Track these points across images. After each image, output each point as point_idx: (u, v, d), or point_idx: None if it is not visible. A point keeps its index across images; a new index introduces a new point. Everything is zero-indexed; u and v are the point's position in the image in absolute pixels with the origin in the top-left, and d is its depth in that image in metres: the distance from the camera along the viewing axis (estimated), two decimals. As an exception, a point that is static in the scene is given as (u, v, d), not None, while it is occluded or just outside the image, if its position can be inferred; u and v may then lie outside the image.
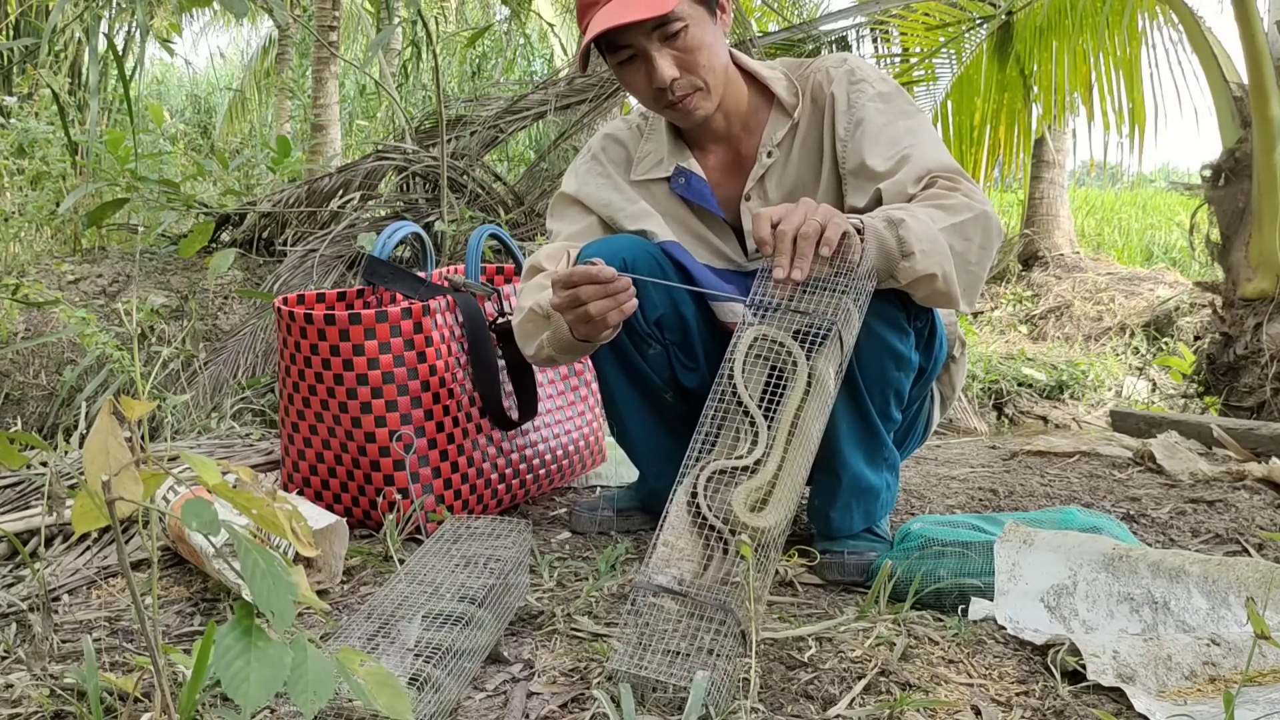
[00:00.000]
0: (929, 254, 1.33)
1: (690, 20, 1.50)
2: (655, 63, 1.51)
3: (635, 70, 1.55)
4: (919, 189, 1.46)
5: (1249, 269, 3.91)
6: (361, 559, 1.62)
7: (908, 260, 1.33)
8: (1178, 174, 17.72)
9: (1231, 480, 2.17)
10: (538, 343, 1.57)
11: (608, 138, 1.78)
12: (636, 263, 1.57)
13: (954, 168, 1.49)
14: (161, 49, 6.29)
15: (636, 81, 1.57)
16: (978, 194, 1.45)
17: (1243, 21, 3.75)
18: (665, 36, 1.50)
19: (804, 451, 1.25)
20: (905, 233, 1.32)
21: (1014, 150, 5.15)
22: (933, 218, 1.37)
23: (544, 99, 5.10)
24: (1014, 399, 6.10)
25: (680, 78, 1.53)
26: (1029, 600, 1.35)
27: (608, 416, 1.77)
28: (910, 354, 1.52)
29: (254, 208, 5.20)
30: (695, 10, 1.51)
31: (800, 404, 1.24)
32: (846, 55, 1.64)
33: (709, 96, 1.56)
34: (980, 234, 1.41)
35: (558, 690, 1.14)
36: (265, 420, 3.57)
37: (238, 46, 16.03)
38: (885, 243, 1.32)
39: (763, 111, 1.65)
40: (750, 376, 1.26)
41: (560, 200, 1.77)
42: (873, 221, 1.33)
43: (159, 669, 0.86)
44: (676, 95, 1.54)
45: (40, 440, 1.19)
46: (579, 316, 1.40)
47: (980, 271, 1.43)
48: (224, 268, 2.94)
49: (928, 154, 1.49)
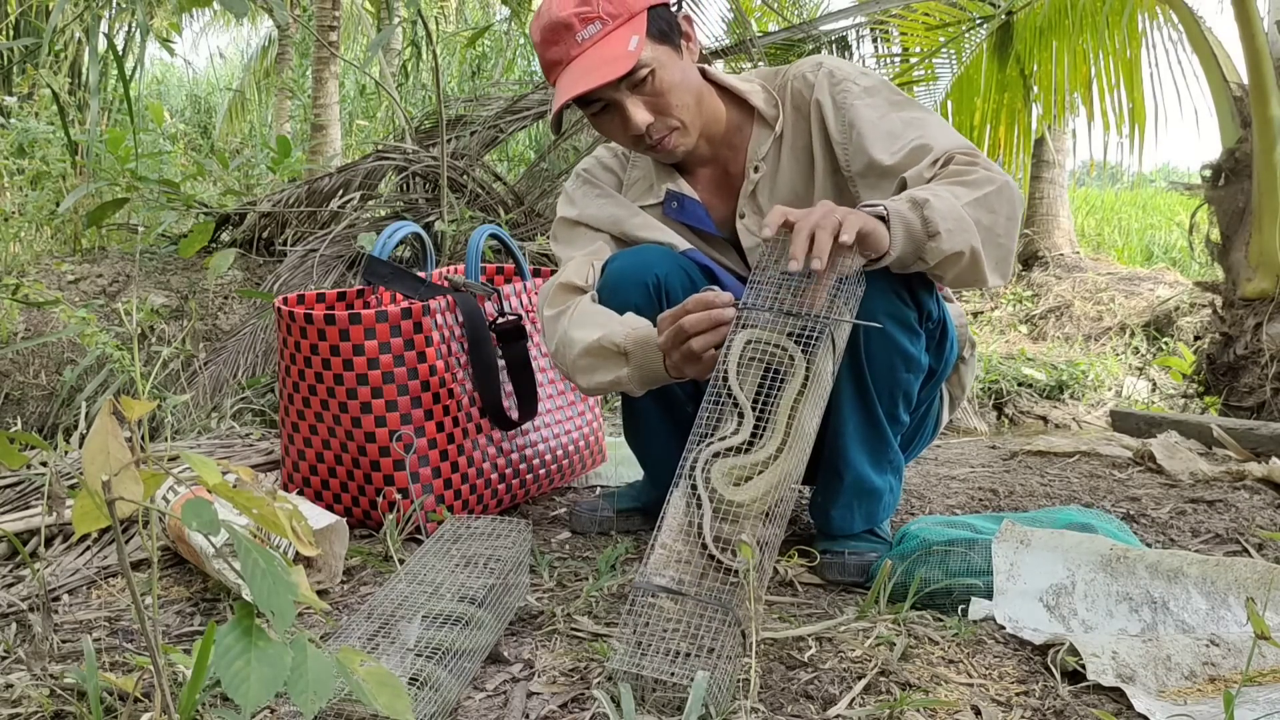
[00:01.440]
0: (954, 233, 1.32)
1: (656, 64, 1.49)
2: (628, 111, 1.51)
3: (610, 119, 1.55)
4: (936, 170, 1.45)
5: (1249, 269, 3.91)
6: (361, 559, 1.62)
7: (934, 240, 1.31)
8: (1178, 174, 17.71)
9: (1231, 480, 2.17)
10: (611, 378, 1.49)
11: (595, 162, 1.77)
12: (670, 278, 1.56)
13: (968, 146, 1.48)
14: (161, 49, 6.30)
15: (612, 129, 1.57)
16: (995, 168, 1.43)
17: (1243, 21, 3.75)
18: (633, 85, 1.50)
19: (799, 443, 1.24)
20: (930, 213, 1.30)
21: (1014, 150, 5.14)
22: (956, 194, 1.36)
23: (544, 99, 5.10)
24: (1014, 399, 6.10)
25: (654, 121, 1.52)
26: (1028, 600, 1.35)
27: (625, 421, 1.75)
28: (921, 355, 1.51)
29: (254, 208, 5.20)
30: (658, 52, 1.50)
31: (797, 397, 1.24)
32: (820, 58, 1.63)
33: (687, 133, 1.56)
34: (1005, 205, 1.40)
35: (558, 690, 1.15)
36: (265, 420, 3.57)
37: (238, 46, 16.03)
38: (910, 225, 1.31)
39: (746, 127, 1.64)
40: (745, 378, 1.26)
41: (562, 226, 1.74)
42: (896, 205, 1.31)
43: (159, 669, 0.86)
44: (654, 139, 1.54)
45: (40, 440, 1.19)
46: (684, 355, 1.34)
47: (1009, 244, 1.41)
48: (224, 268, 2.94)
49: (938, 138, 1.48)
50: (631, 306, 1.54)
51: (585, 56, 1.48)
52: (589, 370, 1.52)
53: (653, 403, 1.66)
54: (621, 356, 1.48)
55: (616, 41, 1.47)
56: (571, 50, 1.49)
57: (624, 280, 1.56)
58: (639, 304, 1.54)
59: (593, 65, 1.47)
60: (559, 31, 1.49)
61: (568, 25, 1.48)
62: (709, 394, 1.26)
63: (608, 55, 1.46)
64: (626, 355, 1.47)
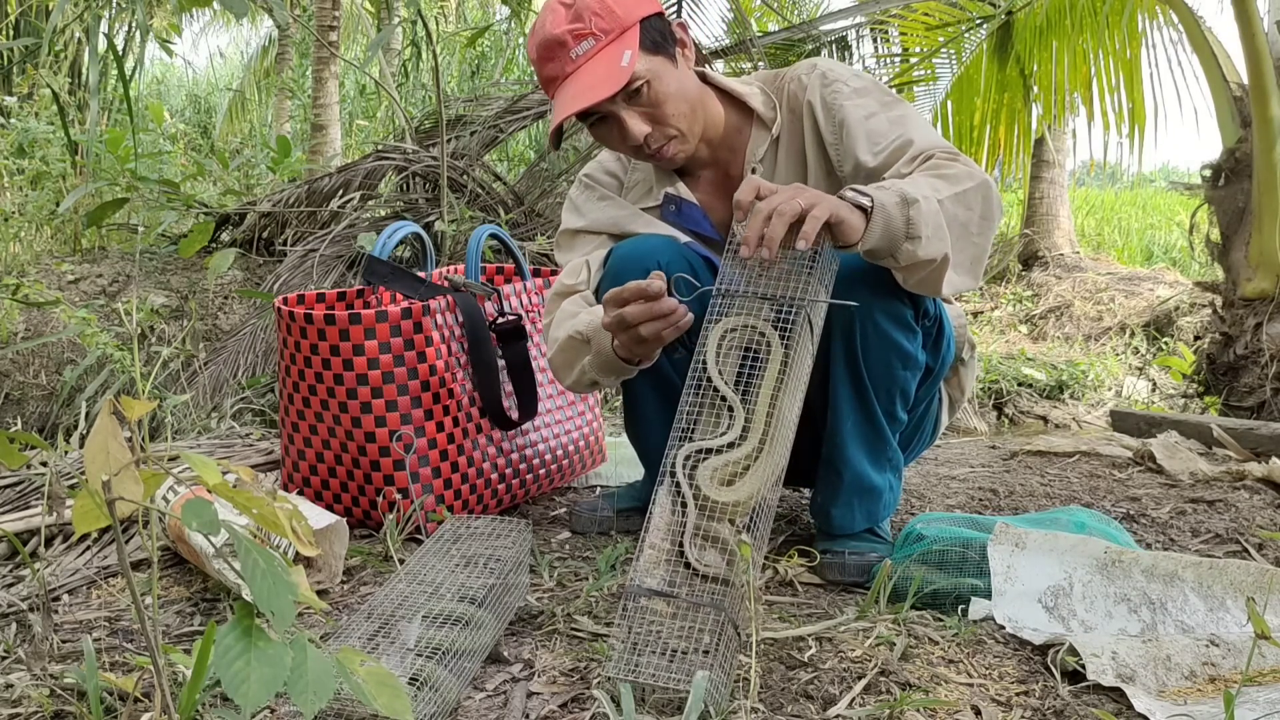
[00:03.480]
0: (932, 239, 1.32)
1: (651, 76, 1.50)
2: (625, 123, 1.52)
3: (608, 130, 1.56)
4: (915, 166, 1.45)
5: (1249, 269, 3.91)
6: (361, 559, 1.62)
7: (911, 243, 1.30)
8: (1178, 174, 17.71)
9: (1231, 480, 2.17)
10: (578, 369, 1.54)
11: (597, 166, 1.79)
12: (672, 266, 1.56)
13: (949, 146, 1.49)
14: (161, 49, 6.29)
15: (611, 139, 1.58)
16: (975, 166, 1.44)
17: (1243, 21, 3.75)
18: (629, 97, 1.51)
19: (781, 433, 1.23)
20: (915, 213, 1.29)
21: (1014, 150, 5.15)
22: (936, 188, 1.36)
23: (544, 99, 5.09)
24: (1014, 399, 6.10)
25: (652, 131, 1.53)
26: (1027, 601, 1.35)
27: (625, 415, 1.77)
28: (917, 353, 1.52)
29: (254, 208, 5.19)
30: (653, 63, 1.51)
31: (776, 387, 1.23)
32: (816, 60, 1.64)
33: (685, 140, 1.57)
34: (981, 203, 1.40)
35: (558, 690, 1.15)
36: (265, 420, 3.57)
37: (238, 46, 16.02)
38: (892, 222, 1.29)
39: (745, 129, 1.65)
40: (725, 365, 1.25)
41: (565, 236, 1.76)
42: (883, 198, 1.29)
43: (159, 669, 0.86)
44: (652, 148, 1.55)
45: (40, 440, 1.19)
46: (631, 338, 1.37)
47: (983, 243, 1.42)
48: (224, 268, 2.94)
49: (920, 136, 1.49)
50: None
51: (580, 73, 1.49)
52: (564, 368, 1.58)
53: (650, 390, 1.68)
54: (585, 345, 1.51)
55: (609, 58, 1.48)
56: (566, 67, 1.50)
57: (627, 265, 1.58)
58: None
59: (587, 83, 1.48)
60: (553, 49, 1.50)
61: (561, 42, 1.49)
62: (689, 388, 1.24)
63: (601, 73, 1.48)
64: (589, 342, 1.50)
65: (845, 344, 1.48)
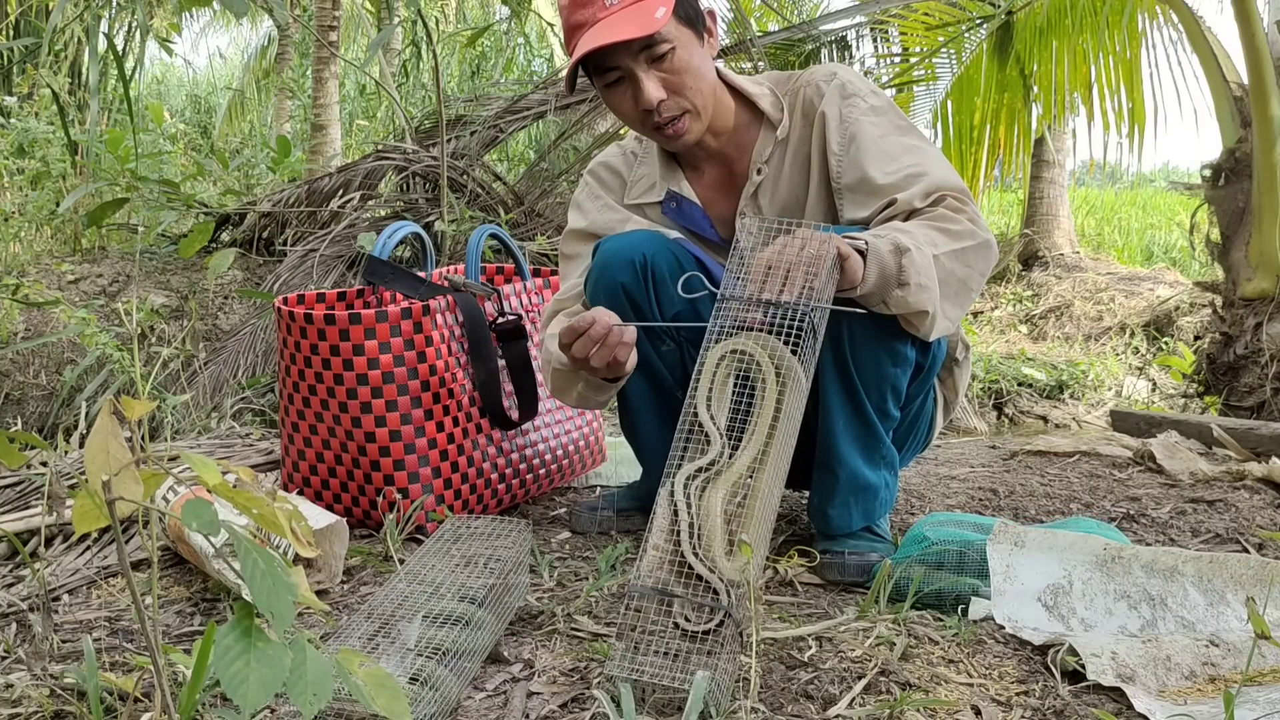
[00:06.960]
0: (924, 288, 1.37)
1: (677, 43, 1.51)
2: (642, 84, 1.51)
3: (622, 93, 1.55)
4: (926, 204, 1.48)
5: (1249, 269, 3.91)
6: (361, 559, 1.62)
7: (902, 290, 1.35)
8: (1178, 174, 17.71)
9: (1231, 480, 2.17)
10: (575, 394, 1.64)
11: (602, 164, 1.79)
12: (656, 258, 1.59)
13: (962, 188, 1.51)
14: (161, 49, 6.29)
15: (624, 104, 1.57)
16: (981, 220, 1.48)
17: (1243, 21, 3.75)
18: (652, 59, 1.51)
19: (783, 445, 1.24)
20: (908, 262, 1.34)
21: (1014, 150, 5.14)
22: (935, 242, 1.40)
23: (544, 99, 5.10)
24: (1014, 399, 6.10)
25: (667, 99, 1.53)
26: (1026, 600, 1.35)
27: (620, 411, 1.78)
28: (907, 350, 1.52)
29: (254, 208, 5.19)
30: (682, 33, 1.52)
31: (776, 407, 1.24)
32: (836, 68, 1.64)
33: (698, 118, 1.57)
34: (981, 263, 1.46)
35: (558, 690, 1.15)
36: (265, 420, 3.57)
37: (238, 46, 16.01)
38: (885, 268, 1.34)
39: (752, 128, 1.65)
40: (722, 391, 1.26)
41: (568, 237, 1.78)
42: (877, 245, 1.34)
43: (159, 669, 0.86)
44: (664, 117, 1.55)
45: (40, 440, 1.19)
46: (591, 369, 1.46)
47: (972, 299, 1.48)
48: (224, 268, 2.93)
49: (936, 172, 1.51)
50: (619, 285, 1.59)
51: (612, 18, 1.49)
52: (562, 393, 1.67)
53: (643, 387, 1.69)
54: (572, 374, 1.59)
55: (643, 10, 1.48)
56: (599, 14, 1.49)
57: (612, 259, 1.60)
58: (626, 282, 1.59)
59: (616, 27, 1.47)
60: None
61: None
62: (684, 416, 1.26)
63: (633, 18, 1.48)
64: (573, 371, 1.57)
65: (833, 343, 1.49)
